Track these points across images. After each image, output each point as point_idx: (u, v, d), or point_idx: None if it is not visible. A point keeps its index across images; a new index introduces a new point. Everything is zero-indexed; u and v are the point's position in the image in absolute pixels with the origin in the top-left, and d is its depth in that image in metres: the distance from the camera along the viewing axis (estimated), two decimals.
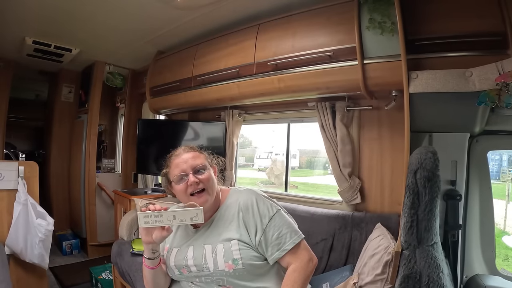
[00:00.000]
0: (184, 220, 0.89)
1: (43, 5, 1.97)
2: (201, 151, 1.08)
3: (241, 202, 1.01)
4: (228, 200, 1.05)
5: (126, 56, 2.98)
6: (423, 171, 0.97)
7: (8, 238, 1.66)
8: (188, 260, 0.98)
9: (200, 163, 1.01)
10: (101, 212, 3.14)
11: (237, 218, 0.99)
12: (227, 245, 0.95)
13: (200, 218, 0.88)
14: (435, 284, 0.94)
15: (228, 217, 1.01)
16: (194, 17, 2.07)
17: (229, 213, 1.01)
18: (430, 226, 1.00)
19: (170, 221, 0.89)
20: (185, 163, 1.00)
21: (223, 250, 0.95)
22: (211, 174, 1.02)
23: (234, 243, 0.95)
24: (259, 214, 0.98)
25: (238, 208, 1.00)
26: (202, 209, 0.89)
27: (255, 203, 0.99)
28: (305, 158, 2.42)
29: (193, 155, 1.03)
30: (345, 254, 1.55)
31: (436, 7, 1.28)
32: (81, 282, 2.47)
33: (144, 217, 0.89)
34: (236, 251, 0.94)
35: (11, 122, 3.26)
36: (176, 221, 0.89)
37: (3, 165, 1.72)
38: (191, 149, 1.06)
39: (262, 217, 0.97)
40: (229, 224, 0.99)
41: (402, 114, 1.22)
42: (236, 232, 0.97)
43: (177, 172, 1.00)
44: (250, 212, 0.98)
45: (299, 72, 1.65)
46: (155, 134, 2.80)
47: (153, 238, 0.92)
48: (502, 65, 1.01)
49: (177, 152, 1.06)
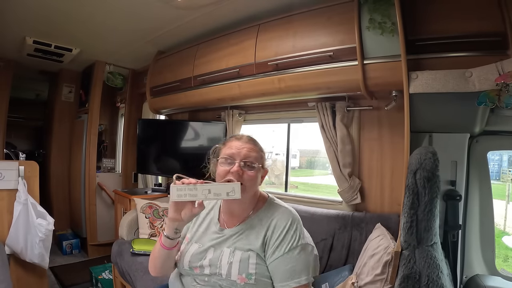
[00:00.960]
0: (220, 195, 0.84)
1: (43, 5, 1.97)
2: (261, 150, 1.02)
3: (275, 219, 0.95)
4: (264, 210, 0.99)
5: (127, 56, 2.98)
6: (423, 171, 0.98)
7: (8, 237, 1.67)
8: (205, 261, 0.95)
9: (253, 158, 0.96)
10: (101, 212, 3.14)
11: (265, 233, 0.94)
12: (245, 255, 0.92)
13: (237, 194, 0.83)
14: (435, 284, 0.94)
15: (257, 228, 0.96)
16: (195, 17, 2.07)
17: (260, 224, 0.96)
18: (429, 226, 1.00)
19: (205, 195, 0.84)
20: (239, 149, 0.96)
21: (240, 260, 0.91)
22: (256, 174, 0.96)
23: (253, 255, 0.92)
24: (284, 238, 0.92)
25: (269, 224, 0.95)
26: (239, 184, 0.84)
27: (287, 227, 0.93)
28: (305, 158, 2.42)
29: (250, 147, 0.97)
30: (345, 254, 1.55)
31: (436, 8, 1.28)
32: (81, 282, 2.47)
33: (177, 190, 0.83)
34: (252, 264, 0.91)
35: (12, 122, 3.26)
36: (211, 195, 0.84)
37: (3, 164, 1.72)
38: (252, 142, 1.00)
39: (285, 243, 0.91)
40: (256, 235, 0.94)
41: (402, 114, 1.22)
42: (258, 245, 0.93)
43: (227, 153, 0.96)
44: (278, 233, 0.92)
45: (299, 72, 1.65)
46: (155, 134, 2.80)
47: (182, 215, 0.87)
48: (502, 65, 1.01)
49: (238, 136, 1.02)
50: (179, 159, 2.61)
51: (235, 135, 1.03)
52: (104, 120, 3.61)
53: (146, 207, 2.19)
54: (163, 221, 2.15)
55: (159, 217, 2.17)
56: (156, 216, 2.17)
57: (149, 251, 1.95)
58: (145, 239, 2.06)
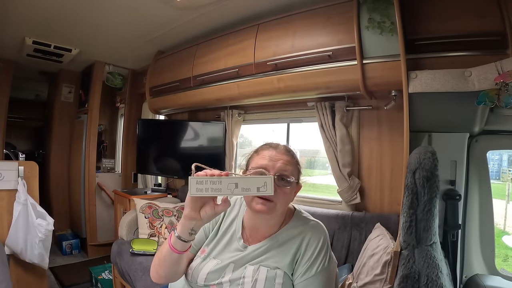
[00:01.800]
0: (249, 190, 0.69)
1: (43, 5, 1.97)
2: (298, 162, 0.91)
3: (308, 237, 0.86)
4: (292, 225, 0.90)
5: (126, 56, 2.98)
6: (422, 171, 0.97)
7: (8, 238, 1.67)
8: (224, 278, 0.85)
9: (289, 173, 0.85)
10: (101, 212, 3.14)
11: (296, 250, 0.85)
12: (271, 273, 0.83)
13: (269, 189, 0.69)
14: (434, 284, 0.94)
15: (285, 243, 0.87)
16: (194, 17, 2.07)
17: (288, 239, 0.87)
18: (429, 226, 1.00)
19: (231, 190, 0.69)
20: (274, 161, 0.85)
21: (266, 278, 0.82)
22: (289, 191, 0.85)
23: (280, 274, 0.83)
24: (316, 258, 0.84)
25: (301, 241, 0.86)
26: (272, 178, 0.71)
27: (319, 246, 0.85)
28: (305, 158, 2.42)
29: (287, 160, 0.86)
30: (345, 254, 1.55)
31: (436, 7, 1.28)
32: (81, 282, 2.47)
33: (197, 183, 0.68)
34: (279, 284, 0.82)
35: (11, 122, 3.26)
36: (238, 190, 0.69)
37: (3, 165, 1.72)
38: (289, 153, 0.89)
39: (316, 263, 0.84)
40: (285, 252, 0.86)
41: (402, 114, 1.22)
42: (287, 263, 0.84)
43: (259, 164, 0.84)
44: (310, 251, 0.84)
45: (298, 72, 1.65)
46: (155, 134, 2.80)
47: (201, 214, 0.73)
48: (501, 64, 1.01)
49: (274, 145, 0.91)
50: (179, 159, 2.60)
51: (269, 143, 0.92)
52: (104, 120, 3.60)
53: (145, 207, 2.19)
54: (162, 221, 2.15)
55: (158, 217, 2.17)
56: (156, 216, 2.17)
57: (148, 251, 1.95)
58: (145, 239, 2.06)
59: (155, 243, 2.03)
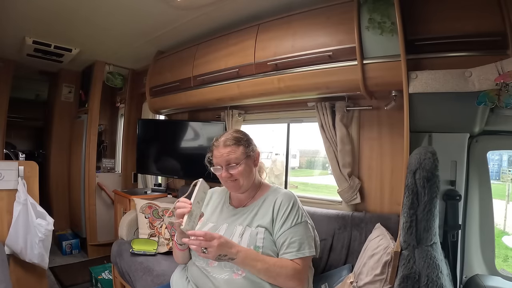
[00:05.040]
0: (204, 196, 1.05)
1: (43, 5, 1.97)
2: (239, 143, 1.12)
3: (279, 200, 1.11)
4: (269, 194, 1.16)
5: (126, 56, 2.98)
6: (422, 171, 0.97)
7: (8, 238, 1.67)
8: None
9: (234, 158, 1.09)
10: (101, 212, 3.14)
11: (271, 211, 1.09)
12: (254, 231, 1.07)
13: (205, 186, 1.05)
14: (434, 284, 0.94)
15: (264, 209, 1.12)
16: (194, 17, 2.07)
17: (267, 205, 1.12)
18: (429, 226, 1.00)
19: (200, 208, 1.03)
20: (220, 157, 1.09)
21: (250, 235, 1.06)
22: (243, 169, 1.10)
23: (261, 231, 1.06)
24: (288, 215, 1.07)
25: (274, 204, 1.10)
26: (202, 180, 1.04)
27: (291, 205, 1.09)
28: (305, 158, 2.42)
29: (229, 151, 1.09)
30: (345, 254, 1.54)
31: (436, 7, 1.28)
32: (81, 282, 2.47)
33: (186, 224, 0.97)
34: (260, 239, 1.04)
35: (11, 122, 3.26)
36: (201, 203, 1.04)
37: (3, 165, 1.72)
38: (229, 143, 1.11)
39: (289, 219, 1.07)
40: (264, 214, 1.10)
41: (402, 114, 1.21)
42: (267, 221, 1.08)
43: (214, 163, 1.12)
44: (283, 210, 1.08)
45: (299, 72, 1.65)
46: (155, 134, 2.80)
47: None
48: (501, 65, 1.01)
49: (217, 143, 1.13)
50: (179, 159, 2.60)
51: (214, 142, 1.15)
52: (104, 120, 3.61)
53: (145, 207, 2.19)
54: (162, 221, 2.15)
55: (158, 217, 2.17)
56: (156, 216, 2.17)
57: (148, 251, 1.96)
58: (145, 239, 2.06)
59: (155, 243, 2.03)
